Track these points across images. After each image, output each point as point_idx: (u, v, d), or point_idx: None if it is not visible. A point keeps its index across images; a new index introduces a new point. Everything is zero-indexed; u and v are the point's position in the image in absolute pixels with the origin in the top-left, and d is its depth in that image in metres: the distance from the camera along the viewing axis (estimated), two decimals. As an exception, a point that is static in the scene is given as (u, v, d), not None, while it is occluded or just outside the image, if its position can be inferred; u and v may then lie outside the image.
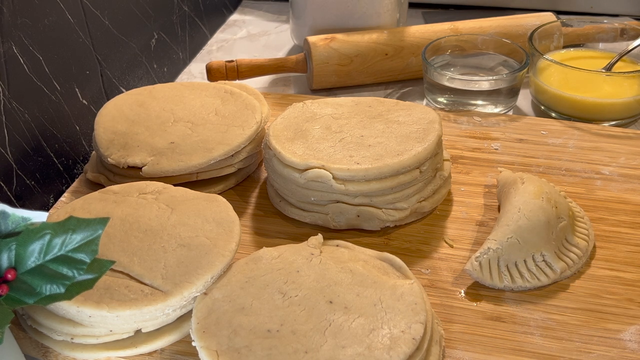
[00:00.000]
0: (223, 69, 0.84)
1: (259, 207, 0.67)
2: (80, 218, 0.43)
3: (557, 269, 0.56)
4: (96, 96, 0.76)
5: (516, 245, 0.56)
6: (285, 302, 0.48)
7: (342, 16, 0.89)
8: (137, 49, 0.83)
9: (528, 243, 0.56)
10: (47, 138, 0.67)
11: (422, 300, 0.48)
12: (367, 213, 0.60)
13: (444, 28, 0.88)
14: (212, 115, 0.69)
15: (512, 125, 0.76)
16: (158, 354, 0.51)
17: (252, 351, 0.45)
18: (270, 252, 0.53)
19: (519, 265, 0.56)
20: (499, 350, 0.51)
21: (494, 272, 0.55)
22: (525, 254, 0.56)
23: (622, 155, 0.71)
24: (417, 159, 0.59)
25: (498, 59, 0.84)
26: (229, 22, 1.10)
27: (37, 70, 0.65)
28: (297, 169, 0.60)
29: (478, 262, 0.55)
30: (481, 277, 0.55)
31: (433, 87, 0.81)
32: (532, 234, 0.56)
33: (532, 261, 0.56)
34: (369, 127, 0.64)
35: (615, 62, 0.80)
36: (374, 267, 0.52)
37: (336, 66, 0.84)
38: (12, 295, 0.41)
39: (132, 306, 0.48)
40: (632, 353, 0.50)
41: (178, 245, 0.52)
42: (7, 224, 0.44)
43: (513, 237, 0.56)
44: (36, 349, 0.51)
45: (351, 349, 0.45)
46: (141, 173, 0.63)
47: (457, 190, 0.67)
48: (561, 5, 1.05)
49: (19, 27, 0.61)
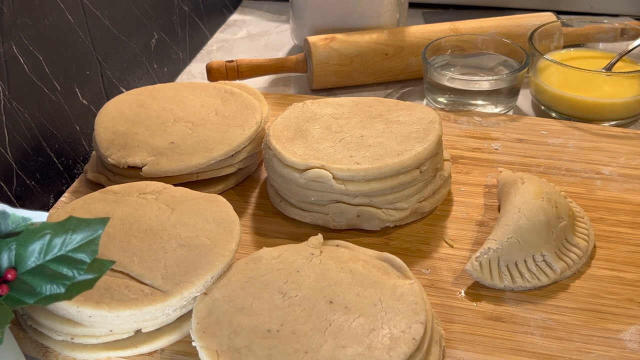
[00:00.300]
0: (223, 69, 0.84)
1: (259, 207, 0.67)
2: (80, 218, 0.43)
3: (557, 269, 0.56)
4: (96, 96, 0.76)
5: (516, 245, 0.56)
6: (286, 302, 0.48)
7: (342, 16, 0.89)
8: (137, 49, 0.83)
9: (528, 243, 0.56)
10: (47, 138, 0.67)
11: (422, 300, 0.48)
12: (367, 213, 0.60)
13: (444, 28, 0.88)
14: (212, 115, 0.69)
15: (512, 125, 0.76)
16: (158, 354, 0.51)
17: (252, 351, 0.45)
18: (270, 252, 0.53)
19: (519, 265, 0.56)
20: (499, 350, 0.51)
21: (494, 272, 0.55)
22: (526, 254, 0.56)
23: (622, 155, 0.71)
24: (417, 159, 0.59)
25: (498, 59, 0.84)
26: (229, 22, 1.10)
27: (37, 70, 0.65)
28: (297, 169, 0.60)
29: (478, 262, 0.55)
30: (481, 277, 0.55)
31: (433, 87, 0.81)
32: (532, 234, 0.56)
33: (532, 261, 0.56)
34: (369, 127, 0.64)
35: (616, 62, 0.80)
36: (374, 267, 0.52)
37: (336, 66, 0.84)
38: (12, 295, 0.41)
39: (132, 306, 0.48)
40: (632, 353, 0.50)
41: (178, 245, 0.52)
42: (7, 224, 0.44)
43: (513, 237, 0.56)
44: (36, 349, 0.51)
45: (351, 349, 0.45)
46: (141, 173, 0.63)
47: (457, 190, 0.67)
48: (561, 5, 1.05)
49: (19, 27, 0.61)
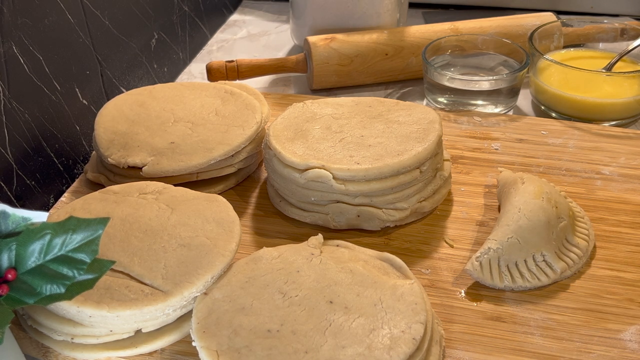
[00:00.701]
0: (223, 69, 0.84)
1: (259, 207, 0.67)
2: (80, 218, 0.43)
3: (558, 269, 0.56)
4: (96, 96, 0.76)
5: (516, 245, 0.56)
6: (286, 302, 0.48)
7: (342, 16, 0.89)
8: (137, 49, 0.83)
9: (528, 243, 0.56)
10: (47, 138, 0.67)
11: (422, 300, 0.48)
12: (367, 213, 0.60)
13: (444, 28, 0.88)
14: (212, 115, 0.69)
15: (512, 125, 0.76)
16: (158, 354, 0.51)
17: (252, 351, 0.45)
18: (270, 252, 0.53)
19: (519, 265, 0.56)
20: (499, 350, 0.51)
21: (495, 272, 0.55)
22: (526, 254, 0.56)
23: (622, 155, 0.71)
24: (417, 159, 0.59)
25: (498, 59, 0.84)
26: (229, 22, 1.10)
27: (37, 70, 0.65)
28: (297, 169, 0.60)
29: (478, 262, 0.55)
30: (481, 277, 0.55)
31: (433, 87, 0.81)
32: (532, 234, 0.56)
33: (532, 261, 0.56)
34: (369, 127, 0.64)
35: (616, 62, 0.80)
36: (374, 267, 0.52)
37: (336, 66, 0.84)
38: (13, 295, 0.41)
39: (133, 306, 0.48)
40: (633, 353, 0.50)
41: (178, 245, 0.52)
42: (7, 224, 0.44)
43: (513, 237, 0.56)
44: (36, 349, 0.51)
45: (351, 349, 0.45)
46: (141, 173, 0.63)
47: (457, 190, 0.67)
48: (561, 5, 1.05)
49: (19, 27, 0.61)
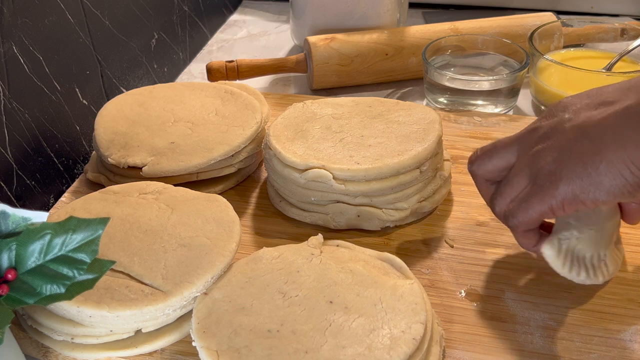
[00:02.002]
0: (223, 69, 0.84)
1: (259, 207, 0.67)
2: (80, 218, 0.43)
3: (611, 270, 0.53)
4: (96, 96, 0.76)
5: (593, 239, 0.52)
6: (286, 302, 0.48)
7: (342, 16, 0.89)
8: (137, 49, 0.83)
9: (604, 238, 0.53)
10: (48, 138, 0.67)
11: (422, 300, 0.48)
12: (367, 213, 0.60)
13: (444, 28, 0.88)
14: (212, 115, 0.69)
15: (513, 125, 0.76)
16: (158, 354, 0.51)
17: (252, 351, 0.45)
18: (270, 252, 0.53)
19: (586, 260, 0.53)
20: (499, 350, 0.51)
21: (567, 260, 0.52)
22: (595, 249, 0.53)
23: (622, 155, 0.70)
24: (417, 159, 0.59)
25: (498, 59, 0.84)
26: (229, 22, 1.10)
27: (38, 71, 0.65)
28: (297, 169, 0.60)
29: (559, 246, 0.52)
30: (554, 261, 0.52)
31: (433, 87, 0.81)
32: (608, 232, 0.53)
33: (597, 258, 0.53)
34: (369, 127, 0.64)
35: (616, 62, 0.80)
36: (374, 267, 0.52)
37: (336, 66, 0.84)
38: (13, 295, 0.41)
39: (133, 306, 0.48)
40: (633, 353, 0.50)
41: (178, 245, 0.52)
42: (7, 224, 0.44)
43: (594, 230, 0.52)
44: (36, 349, 0.51)
45: (351, 349, 0.45)
46: (141, 173, 0.63)
47: (457, 190, 0.67)
48: (561, 5, 1.05)
49: (19, 27, 0.61)
